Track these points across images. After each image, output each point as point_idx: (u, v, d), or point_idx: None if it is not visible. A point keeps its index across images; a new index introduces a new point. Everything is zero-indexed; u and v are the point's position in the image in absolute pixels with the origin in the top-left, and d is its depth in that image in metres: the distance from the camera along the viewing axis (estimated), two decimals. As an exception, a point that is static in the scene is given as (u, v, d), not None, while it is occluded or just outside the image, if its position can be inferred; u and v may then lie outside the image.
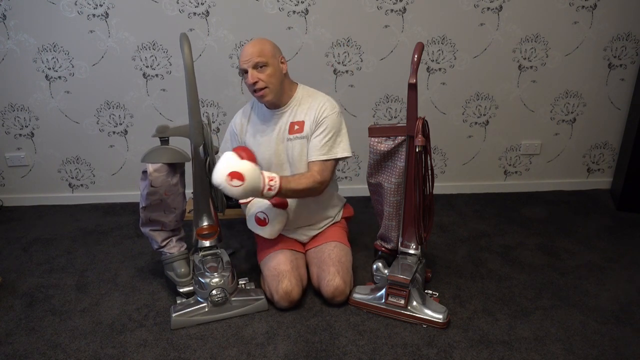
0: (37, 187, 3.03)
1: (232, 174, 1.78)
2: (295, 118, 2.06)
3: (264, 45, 1.96)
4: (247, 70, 1.95)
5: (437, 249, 2.49)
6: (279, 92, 2.01)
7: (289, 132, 2.05)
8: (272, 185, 1.87)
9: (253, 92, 1.99)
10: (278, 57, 2.00)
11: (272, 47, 1.99)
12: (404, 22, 2.69)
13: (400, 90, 2.84)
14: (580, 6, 2.69)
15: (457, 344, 1.85)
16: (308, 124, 2.04)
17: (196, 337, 1.90)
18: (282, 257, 2.07)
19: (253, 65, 1.93)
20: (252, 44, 1.97)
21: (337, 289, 2.00)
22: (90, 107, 2.83)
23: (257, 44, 1.96)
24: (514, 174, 3.10)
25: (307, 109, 2.05)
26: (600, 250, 2.46)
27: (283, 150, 2.07)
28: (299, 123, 2.05)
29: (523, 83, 2.86)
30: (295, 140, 2.05)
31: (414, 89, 1.84)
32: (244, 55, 1.95)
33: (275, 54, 1.99)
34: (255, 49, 1.94)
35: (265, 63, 1.94)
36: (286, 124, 2.06)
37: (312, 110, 2.04)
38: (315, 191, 2.02)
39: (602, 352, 1.81)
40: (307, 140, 2.04)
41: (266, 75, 1.95)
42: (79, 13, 2.61)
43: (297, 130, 2.05)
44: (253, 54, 1.93)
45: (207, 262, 2.04)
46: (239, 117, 2.17)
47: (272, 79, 1.96)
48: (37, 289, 2.22)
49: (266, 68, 1.94)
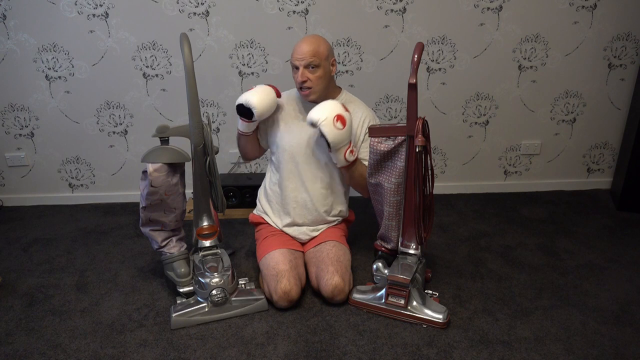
0: (37, 187, 3.03)
1: (339, 117, 1.89)
2: None
3: (319, 45, 1.98)
4: (298, 67, 1.98)
5: (437, 249, 2.49)
6: (323, 94, 2.06)
7: None
8: (353, 150, 2.01)
9: (299, 88, 2.03)
10: (330, 59, 2.03)
11: (326, 48, 2.01)
12: (404, 22, 2.69)
13: (400, 90, 2.84)
14: (580, 6, 2.69)
15: (457, 344, 1.85)
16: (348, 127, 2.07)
17: (196, 337, 1.90)
18: (280, 256, 2.07)
19: (305, 65, 1.96)
20: (308, 41, 1.98)
21: (336, 288, 2.00)
22: (90, 107, 2.83)
23: (314, 43, 1.97)
24: (514, 174, 3.10)
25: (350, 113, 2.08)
26: (600, 250, 2.46)
27: (313, 145, 2.10)
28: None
29: (523, 83, 2.86)
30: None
31: (414, 89, 1.84)
32: (298, 52, 1.97)
33: (328, 55, 2.02)
34: (311, 47, 1.96)
35: (318, 64, 1.97)
36: None
37: (357, 117, 2.10)
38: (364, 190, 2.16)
39: (602, 352, 1.82)
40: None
41: (315, 77, 1.98)
42: (79, 13, 2.61)
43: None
44: (308, 53, 1.95)
45: (207, 262, 2.04)
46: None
47: (320, 80, 2.00)
48: (37, 289, 2.22)
49: (317, 69, 1.98)
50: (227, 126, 2.90)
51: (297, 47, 1.99)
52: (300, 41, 2.00)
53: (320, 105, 1.93)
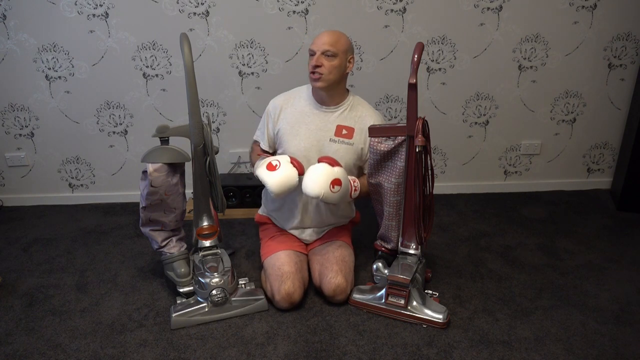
0: (37, 187, 3.03)
1: (334, 182, 1.89)
2: (344, 122, 2.08)
3: (340, 37, 1.98)
4: (315, 52, 1.97)
5: (437, 249, 2.49)
6: (333, 87, 2.02)
7: (335, 134, 2.07)
8: (356, 186, 2.01)
9: (311, 72, 2.00)
10: (348, 55, 2.02)
11: (346, 43, 2.00)
12: (404, 22, 2.69)
13: (400, 90, 2.84)
14: (580, 6, 2.69)
15: (457, 344, 1.85)
16: (358, 133, 2.08)
17: (196, 337, 1.90)
18: (286, 258, 2.08)
19: (322, 51, 1.96)
20: (330, 32, 1.99)
21: (338, 287, 2.00)
22: (90, 107, 2.83)
23: (335, 34, 1.98)
24: (514, 174, 3.10)
25: (358, 117, 2.09)
26: (600, 250, 2.46)
27: (321, 148, 2.08)
28: (347, 129, 2.07)
29: (523, 83, 2.86)
30: (340, 143, 2.07)
31: (414, 89, 1.84)
32: (318, 39, 1.98)
33: (347, 50, 2.01)
34: (331, 38, 1.96)
35: (335, 54, 1.96)
36: (333, 124, 2.07)
37: (365, 122, 2.07)
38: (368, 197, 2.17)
39: (602, 352, 1.82)
40: (352, 147, 2.08)
41: (330, 65, 1.96)
42: (79, 13, 2.61)
43: (345, 134, 2.07)
44: (327, 41, 1.95)
45: (207, 262, 2.04)
46: (280, 99, 2.15)
47: (333, 69, 1.97)
48: (37, 289, 2.22)
49: (333, 59, 1.96)
50: (227, 126, 2.90)
51: (318, 36, 1.99)
52: (323, 32, 2.01)
53: (312, 178, 1.89)
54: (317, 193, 1.88)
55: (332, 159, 1.96)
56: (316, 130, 2.07)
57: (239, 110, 2.86)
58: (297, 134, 2.08)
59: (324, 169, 1.90)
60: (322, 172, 1.89)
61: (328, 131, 2.07)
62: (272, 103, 2.16)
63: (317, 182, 1.88)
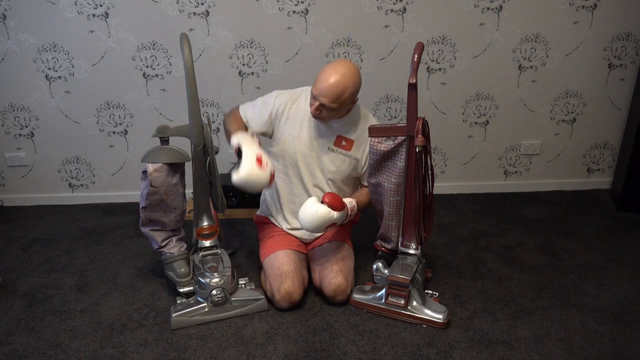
0: (37, 187, 3.03)
1: (329, 226, 1.93)
2: (345, 133, 2.07)
3: (345, 91, 1.87)
4: (316, 97, 1.90)
5: (437, 249, 2.49)
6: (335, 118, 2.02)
7: (334, 144, 2.07)
8: (351, 214, 2.01)
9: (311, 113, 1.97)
10: (353, 99, 1.95)
11: (351, 94, 1.90)
12: (404, 22, 2.69)
13: (400, 90, 2.84)
14: (580, 6, 2.69)
15: (457, 344, 1.85)
16: (356, 146, 2.08)
17: (196, 337, 1.90)
18: (286, 257, 2.08)
19: (322, 104, 1.90)
20: (335, 82, 1.84)
21: (338, 287, 2.00)
22: (90, 107, 2.83)
23: (340, 86, 1.85)
24: (514, 174, 3.10)
25: (359, 130, 2.08)
26: (600, 250, 2.46)
27: (318, 155, 2.08)
28: (347, 140, 2.07)
29: (523, 83, 2.86)
30: (338, 154, 2.08)
31: (414, 89, 1.83)
32: (321, 87, 1.86)
33: (350, 100, 1.93)
34: (335, 90, 1.85)
35: (336, 109, 1.91)
36: (333, 134, 2.07)
37: (364, 137, 2.06)
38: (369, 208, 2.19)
39: (602, 352, 1.82)
40: (350, 159, 2.08)
41: (330, 113, 1.94)
42: (79, 13, 2.61)
43: (344, 146, 2.07)
44: (330, 95, 1.86)
45: (207, 262, 2.04)
46: (286, 97, 2.10)
47: (333, 114, 1.97)
48: (37, 289, 2.22)
49: (334, 111, 1.93)
50: (227, 126, 2.90)
51: (324, 80, 1.86)
52: (329, 74, 1.86)
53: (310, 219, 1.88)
54: (309, 230, 1.94)
55: (337, 200, 1.91)
56: (317, 137, 2.07)
57: (239, 110, 2.86)
58: (297, 137, 2.08)
59: (325, 214, 1.87)
60: (322, 216, 1.87)
61: (328, 140, 2.07)
62: (278, 97, 2.11)
63: (313, 223, 1.89)
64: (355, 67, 1.92)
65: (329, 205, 1.89)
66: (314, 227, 1.90)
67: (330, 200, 1.90)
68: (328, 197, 1.91)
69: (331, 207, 1.89)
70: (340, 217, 1.93)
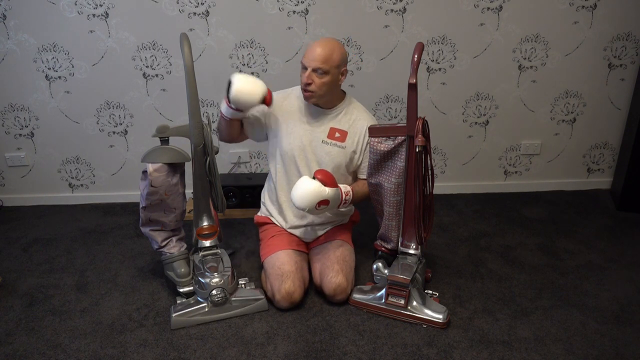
0: (37, 187, 3.03)
1: (321, 202, 1.90)
2: (338, 125, 2.08)
3: (333, 52, 1.92)
4: (306, 68, 1.94)
5: (437, 249, 2.49)
6: (325, 99, 2.03)
7: (327, 136, 2.07)
8: (346, 199, 2.00)
9: (303, 89, 1.99)
10: (342, 67, 1.98)
11: (339, 57, 1.95)
12: (404, 22, 2.69)
13: (400, 90, 2.84)
14: (580, 6, 2.69)
15: (457, 344, 1.85)
16: (351, 137, 2.08)
17: (196, 337, 1.90)
18: (286, 257, 2.08)
19: (314, 68, 1.92)
20: (323, 44, 1.93)
21: (339, 286, 2.00)
22: (90, 107, 2.83)
23: (328, 48, 1.92)
24: (514, 174, 3.10)
25: (352, 121, 2.08)
26: (600, 250, 2.46)
27: (313, 149, 2.09)
28: (340, 132, 2.08)
29: (523, 83, 2.86)
30: (332, 146, 2.08)
31: (414, 89, 1.84)
32: (310, 53, 1.93)
33: (340, 64, 1.96)
34: (324, 52, 1.91)
35: (327, 71, 1.93)
36: (327, 126, 2.08)
37: (358, 126, 2.07)
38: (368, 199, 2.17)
39: (602, 352, 1.82)
40: (344, 150, 2.08)
41: (321, 82, 1.95)
42: (79, 13, 2.61)
43: (337, 137, 2.07)
44: (319, 57, 1.90)
45: (207, 262, 2.04)
46: (275, 95, 2.10)
47: (325, 86, 1.96)
48: (37, 289, 2.22)
49: (325, 75, 1.94)
50: (227, 126, 2.90)
51: (311, 48, 1.94)
52: (316, 43, 1.95)
53: (301, 193, 1.89)
54: (301, 207, 1.91)
55: (329, 176, 1.94)
56: (310, 131, 2.08)
57: (239, 110, 2.86)
58: (291, 132, 2.09)
59: (316, 188, 1.89)
60: (313, 190, 1.88)
61: (321, 132, 2.08)
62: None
63: (304, 198, 1.89)
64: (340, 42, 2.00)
65: (320, 180, 1.91)
66: (306, 203, 1.89)
67: (322, 176, 1.92)
68: (320, 173, 1.94)
69: (322, 183, 1.90)
70: (332, 195, 1.92)
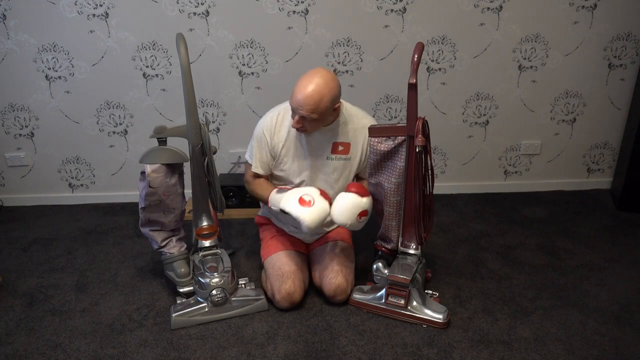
0: (37, 187, 3.03)
1: (361, 213, 1.93)
2: (339, 138, 2.02)
3: (322, 100, 1.79)
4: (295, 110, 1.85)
5: (437, 249, 2.49)
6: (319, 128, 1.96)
7: (331, 152, 2.04)
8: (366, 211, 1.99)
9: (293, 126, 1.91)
10: (334, 105, 1.87)
11: (329, 102, 1.82)
12: (404, 22, 2.69)
13: (400, 90, 2.84)
14: (580, 6, 2.69)
15: (457, 344, 1.85)
16: (354, 147, 2.05)
17: (196, 337, 1.90)
18: (287, 258, 2.08)
19: (302, 116, 1.83)
20: (311, 92, 1.78)
21: (339, 287, 2.00)
22: (90, 107, 2.83)
23: (316, 97, 1.78)
24: (514, 174, 3.10)
25: (352, 130, 2.03)
26: (600, 250, 2.46)
27: (320, 167, 2.06)
28: (343, 145, 2.04)
29: (523, 83, 2.86)
30: (338, 160, 2.05)
31: (414, 89, 1.83)
32: (298, 98, 1.80)
33: (330, 108, 1.85)
34: (312, 101, 1.78)
35: (317, 118, 1.84)
36: (329, 142, 2.02)
37: (359, 134, 2.03)
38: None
39: (602, 352, 1.82)
40: (350, 161, 2.06)
41: (312, 124, 1.88)
42: (79, 13, 2.61)
43: (341, 151, 2.04)
44: (307, 106, 1.79)
45: (207, 262, 2.04)
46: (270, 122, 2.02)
47: (316, 125, 1.91)
48: (37, 289, 2.22)
49: (316, 120, 1.86)
50: (227, 126, 2.90)
51: (300, 92, 1.79)
52: (304, 86, 1.79)
53: (341, 209, 1.90)
54: (344, 223, 1.92)
55: (362, 188, 1.94)
56: (314, 150, 2.03)
57: (239, 110, 2.86)
58: (296, 155, 2.04)
59: (354, 200, 1.91)
60: (352, 204, 1.90)
61: (325, 149, 2.03)
62: (262, 128, 2.03)
63: (345, 214, 1.90)
64: (331, 74, 1.84)
65: (356, 193, 1.93)
66: (348, 217, 1.91)
67: (356, 188, 1.94)
68: (354, 186, 1.95)
69: (359, 194, 1.93)
70: (369, 205, 1.95)
